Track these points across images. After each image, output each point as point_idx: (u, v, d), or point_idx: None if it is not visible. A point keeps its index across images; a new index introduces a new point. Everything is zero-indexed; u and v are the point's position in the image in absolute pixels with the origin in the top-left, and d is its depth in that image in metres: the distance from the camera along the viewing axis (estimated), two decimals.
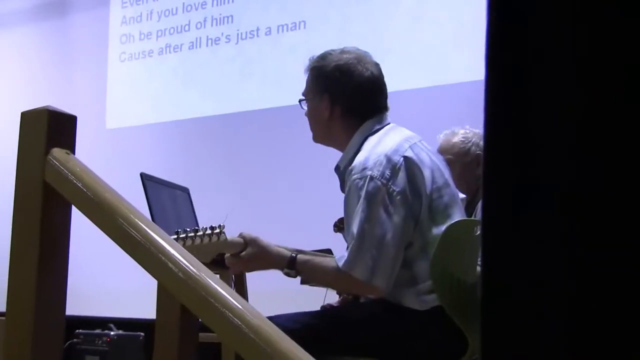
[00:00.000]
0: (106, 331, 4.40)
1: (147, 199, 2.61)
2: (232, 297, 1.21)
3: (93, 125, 5.79)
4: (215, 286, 1.25)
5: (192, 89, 5.49)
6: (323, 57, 2.28)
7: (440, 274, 2.01)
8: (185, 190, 3.00)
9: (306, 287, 2.29)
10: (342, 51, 2.27)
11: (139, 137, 5.63)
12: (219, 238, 2.03)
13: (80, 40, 6.07)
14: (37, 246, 1.38)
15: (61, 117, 1.44)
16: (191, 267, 1.31)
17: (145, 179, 2.65)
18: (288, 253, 2.11)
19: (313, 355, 2.00)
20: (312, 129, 2.33)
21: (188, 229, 1.96)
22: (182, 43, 5.59)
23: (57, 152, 1.40)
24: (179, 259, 1.31)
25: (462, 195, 2.67)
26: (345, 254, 2.04)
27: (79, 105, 5.88)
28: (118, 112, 5.80)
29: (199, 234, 1.98)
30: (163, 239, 1.35)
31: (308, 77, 2.31)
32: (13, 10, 6.48)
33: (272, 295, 3.36)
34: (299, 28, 5.08)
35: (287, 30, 5.14)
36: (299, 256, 2.09)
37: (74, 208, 1.45)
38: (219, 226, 2.05)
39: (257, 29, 5.25)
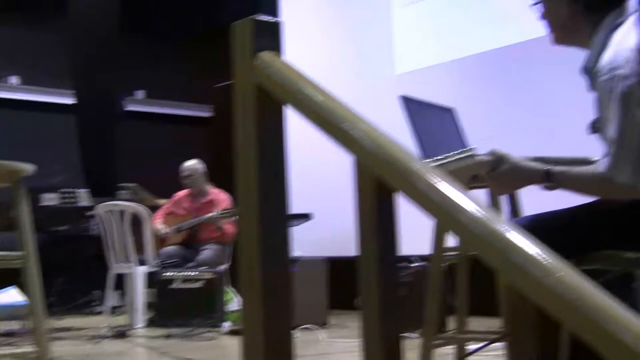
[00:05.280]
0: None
1: (411, 121, 2.59)
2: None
3: (383, 73, 5.93)
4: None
5: (475, 25, 5.41)
6: None
7: None
8: (451, 110, 2.95)
9: None
10: None
11: (427, 80, 5.67)
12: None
13: None
14: (254, 145, 1.45)
15: (266, 23, 1.49)
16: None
17: (405, 101, 2.64)
18: (541, 166, 2.04)
19: (577, 251, 1.92)
20: (551, 31, 2.21)
21: (439, 156, 2.01)
22: None
23: (265, 55, 1.46)
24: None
25: None
26: (605, 160, 1.93)
27: (368, 55, 6.07)
28: (405, 57, 5.88)
29: (449, 159, 2.01)
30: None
31: None
32: None
33: None
34: None
35: None
36: (554, 168, 2.02)
37: None
38: (470, 149, 2.08)
39: None
